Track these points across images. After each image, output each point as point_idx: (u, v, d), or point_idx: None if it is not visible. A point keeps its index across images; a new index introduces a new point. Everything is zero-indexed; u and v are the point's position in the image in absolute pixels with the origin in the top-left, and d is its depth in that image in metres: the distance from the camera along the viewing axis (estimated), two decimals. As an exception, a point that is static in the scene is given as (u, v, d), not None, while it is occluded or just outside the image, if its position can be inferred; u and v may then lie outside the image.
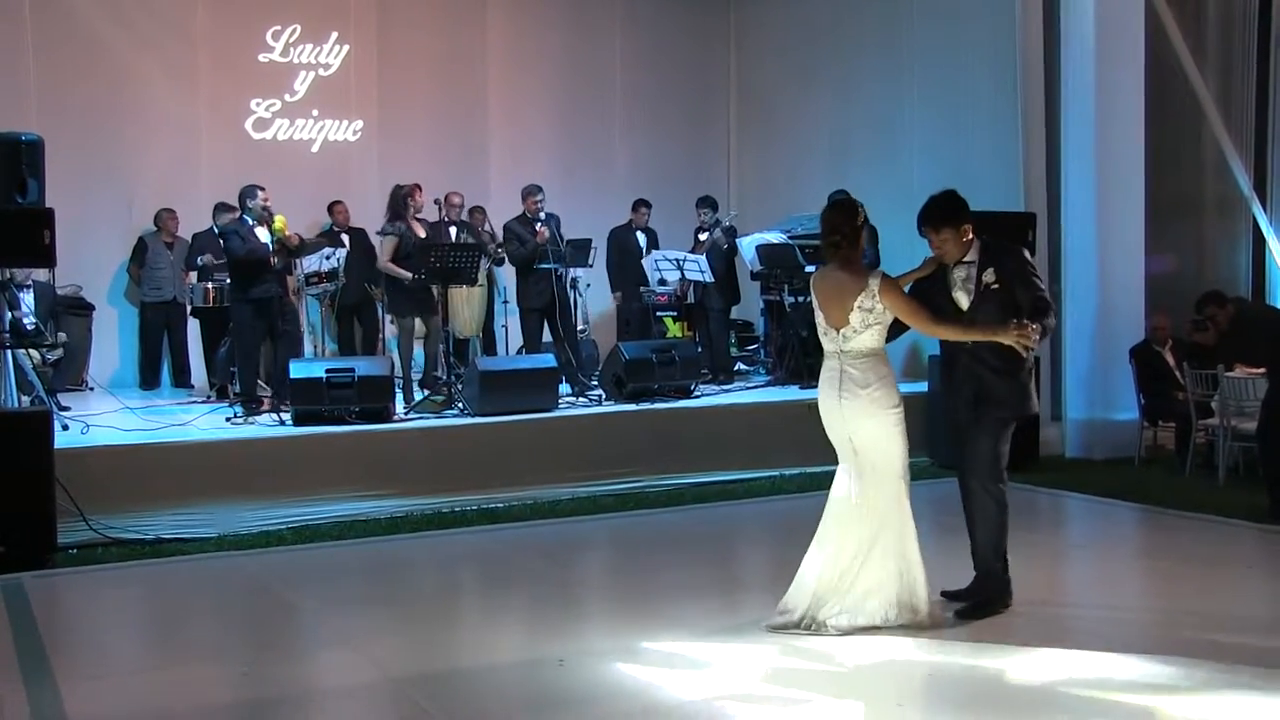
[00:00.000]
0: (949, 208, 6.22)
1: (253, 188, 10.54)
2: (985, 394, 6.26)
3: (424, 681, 5.56)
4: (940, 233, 6.21)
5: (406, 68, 14.50)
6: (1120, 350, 10.94)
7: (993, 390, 6.23)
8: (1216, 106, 12.33)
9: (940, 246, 6.24)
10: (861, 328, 5.93)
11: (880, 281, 5.92)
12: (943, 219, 6.20)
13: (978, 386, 6.28)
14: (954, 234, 6.19)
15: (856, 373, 5.97)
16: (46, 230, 8.13)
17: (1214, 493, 9.46)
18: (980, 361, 6.24)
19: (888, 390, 5.96)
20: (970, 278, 6.21)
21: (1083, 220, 11.25)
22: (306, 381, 9.63)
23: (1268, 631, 6.32)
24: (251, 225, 10.38)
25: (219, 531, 8.48)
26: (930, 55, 12.83)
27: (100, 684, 5.66)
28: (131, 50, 13.21)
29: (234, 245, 10.36)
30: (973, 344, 6.24)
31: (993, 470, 6.25)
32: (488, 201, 13.76)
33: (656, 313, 13.15)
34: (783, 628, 6.04)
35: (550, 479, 9.68)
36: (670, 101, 15.85)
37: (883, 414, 5.95)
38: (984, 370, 6.23)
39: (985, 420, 6.25)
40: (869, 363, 5.97)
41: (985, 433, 6.25)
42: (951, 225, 6.18)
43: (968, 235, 6.22)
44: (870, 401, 5.95)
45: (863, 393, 5.95)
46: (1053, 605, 6.51)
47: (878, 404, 5.95)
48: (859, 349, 5.97)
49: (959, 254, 6.23)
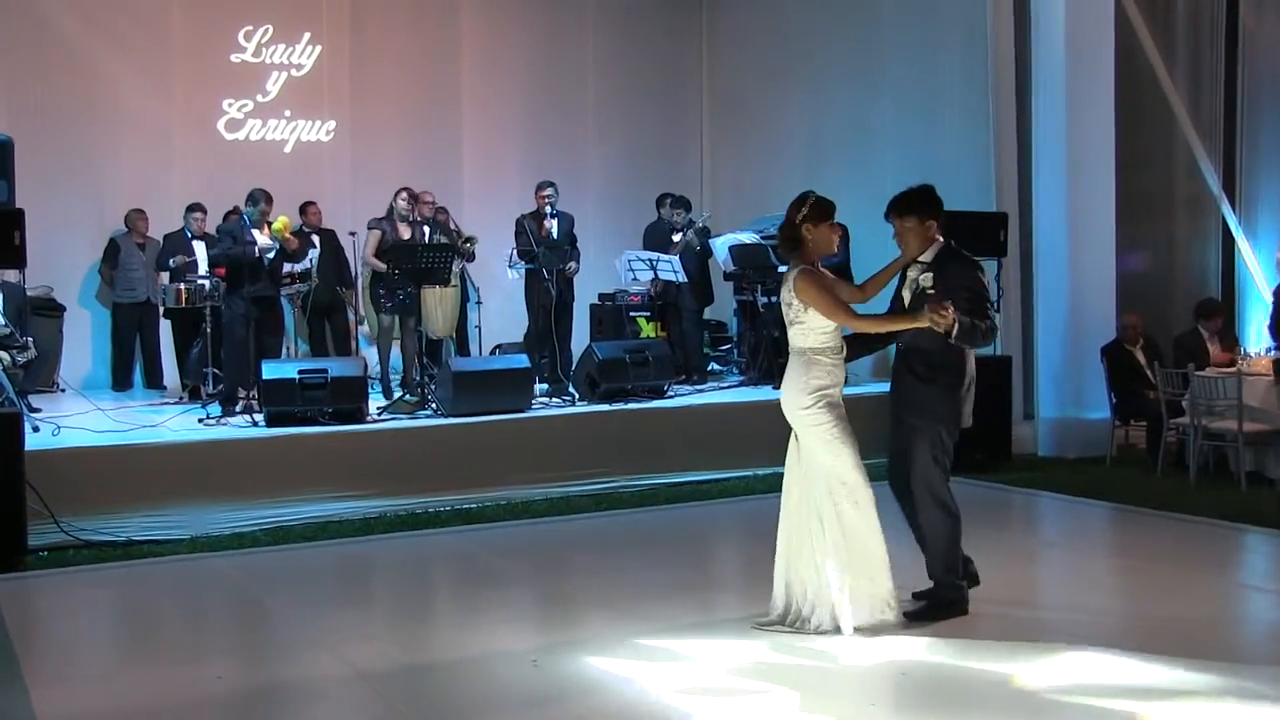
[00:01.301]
0: (916, 198, 6.17)
1: (260, 193, 10.64)
2: (904, 398, 6.21)
3: (398, 681, 5.56)
4: (904, 220, 6.15)
5: (379, 68, 14.47)
6: (1092, 349, 11.00)
7: (911, 395, 6.17)
8: (1186, 106, 12.41)
9: (901, 235, 6.19)
10: (788, 323, 5.96)
11: (796, 275, 5.89)
12: (907, 207, 6.15)
13: (900, 390, 6.25)
14: (917, 225, 6.12)
15: (789, 369, 6.02)
16: (17, 231, 8.07)
17: (1185, 491, 9.52)
18: (908, 367, 6.19)
19: (798, 392, 5.93)
20: (916, 279, 6.14)
21: (1054, 219, 11.31)
22: (279, 382, 9.60)
23: (1237, 629, 6.38)
24: (248, 227, 10.42)
25: (191, 533, 8.44)
26: (902, 55, 12.88)
27: (71, 687, 5.63)
28: (103, 50, 13.14)
29: (223, 246, 10.46)
30: (903, 348, 6.21)
31: (934, 480, 6.12)
32: (460, 201, 13.75)
33: (630, 313, 13.14)
34: (768, 625, 6.07)
35: (524, 479, 9.67)
36: (643, 100, 15.87)
37: (798, 414, 5.95)
38: (909, 375, 6.18)
39: (909, 430, 6.16)
40: (796, 360, 5.98)
41: (915, 445, 6.13)
42: (916, 215, 6.12)
43: (932, 232, 6.15)
44: (788, 399, 5.99)
45: (785, 388, 6.01)
46: (1024, 604, 6.54)
47: (792, 403, 5.97)
48: (794, 345, 6.00)
49: (918, 250, 6.16)
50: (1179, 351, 10.75)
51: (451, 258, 10.97)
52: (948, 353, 6.06)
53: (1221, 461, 10.05)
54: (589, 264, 13.10)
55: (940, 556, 6.19)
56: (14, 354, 10.44)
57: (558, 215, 11.65)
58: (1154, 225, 12.84)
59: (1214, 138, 12.35)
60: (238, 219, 10.75)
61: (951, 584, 6.22)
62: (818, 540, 5.91)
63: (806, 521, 5.95)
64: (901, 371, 6.23)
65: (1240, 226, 12.21)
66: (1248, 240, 12.17)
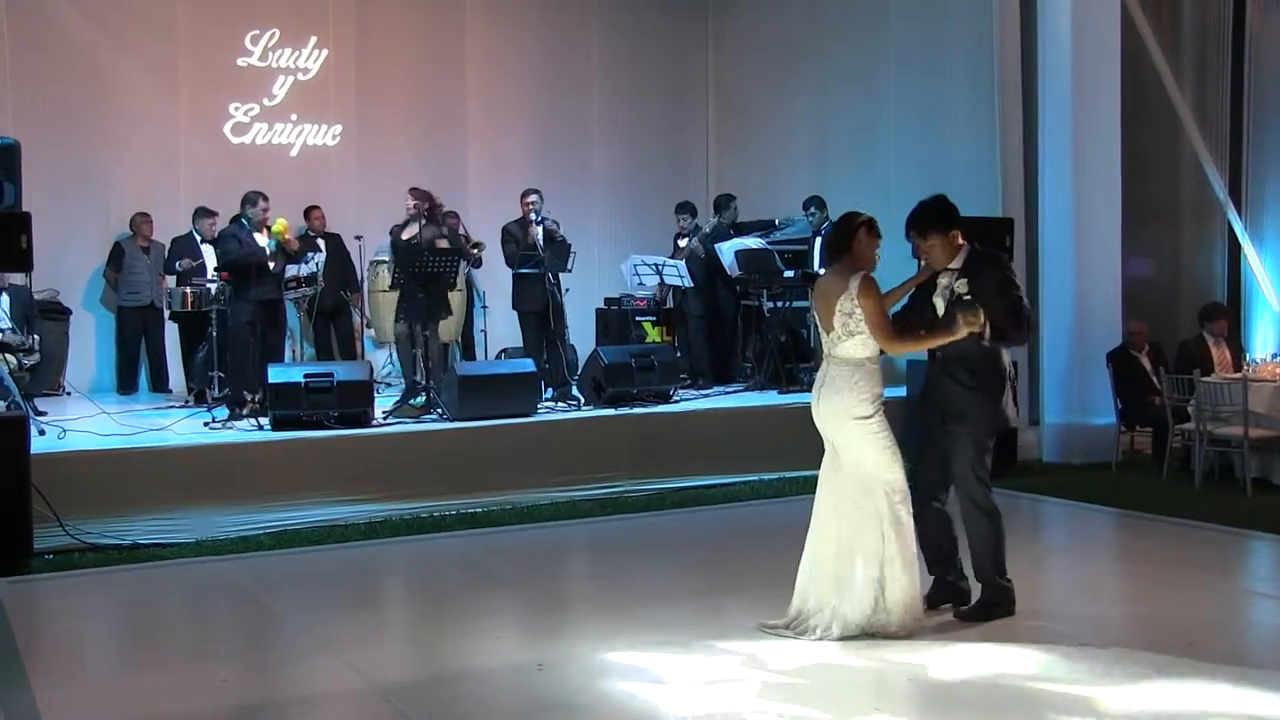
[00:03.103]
0: (936, 213, 6.19)
1: (256, 194, 10.58)
2: (949, 408, 6.24)
3: (403, 686, 5.55)
4: (927, 238, 6.19)
5: (385, 72, 14.48)
6: (1097, 355, 10.98)
7: (955, 404, 6.21)
8: (1192, 112, 12.41)
9: (928, 252, 6.22)
10: (844, 334, 5.95)
11: (859, 282, 5.90)
12: (930, 224, 6.17)
13: (943, 400, 6.27)
14: (941, 239, 6.16)
15: (836, 378, 6.00)
16: (23, 234, 8.07)
17: (1191, 497, 9.51)
18: (949, 375, 6.22)
19: (857, 401, 5.94)
20: (949, 285, 6.18)
21: (1060, 225, 11.31)
22: (285, 386, 9.60)
23: (1243, 635, 6.37)
24: (249, 230, 10.41)
25: (197, 537, 8.43)
26: (908, 59, 12.87)
27: (77, 691, 5.63)
28: (110, 53, 13.15)
29: (230, 248, 10.39)
30: (942, 356, 6.24)
31: (977, 485, 6.21)
32: (466, 205, 13.76)
33: (635, 317, 13.14)
34: (773, 628, 6.08)
35: (529, 484, 9.66)
36: (648, 105, 15.87)
37: (852, 423, 5.96)
38: (951, 384, 6.21)
39: (953, 437, 6.22)
40: (847, 370, 5.98)
41: (958, 451, 6.20)
42: (939, 231, 6.16)
43: (957, 241, 6.18)
44: (841, 408, 5.98)
45: (836, 398, 5.99)
46: (1031, 610, 6.51)
47: (847, 412, 5.96)
48: (843, 356, 5.99)
49: (946, 260, 6.19)
50: (1184, 357, 10.74)
51: (457, 262, 10.97)
52: (987, 357, 6.15)
53: (1227, 467, 10.04)
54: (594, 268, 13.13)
55: (988, 557, 6.28)
56: (20, 357, 10.46)
57: (543, 221, 11.61)
58: (1160, 231, 12.84)
59: (1220, 143, 12.34)
60: (238, 222, 10.74)
61: (999, 584, 6.31)
62: (886, 547, 5.93)
63: (862, 532, 5.94)
64: (941, 378, 6.27)
65: (1246, 232, 12.20)
66: (1254, 246, 12.16)
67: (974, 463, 6.19)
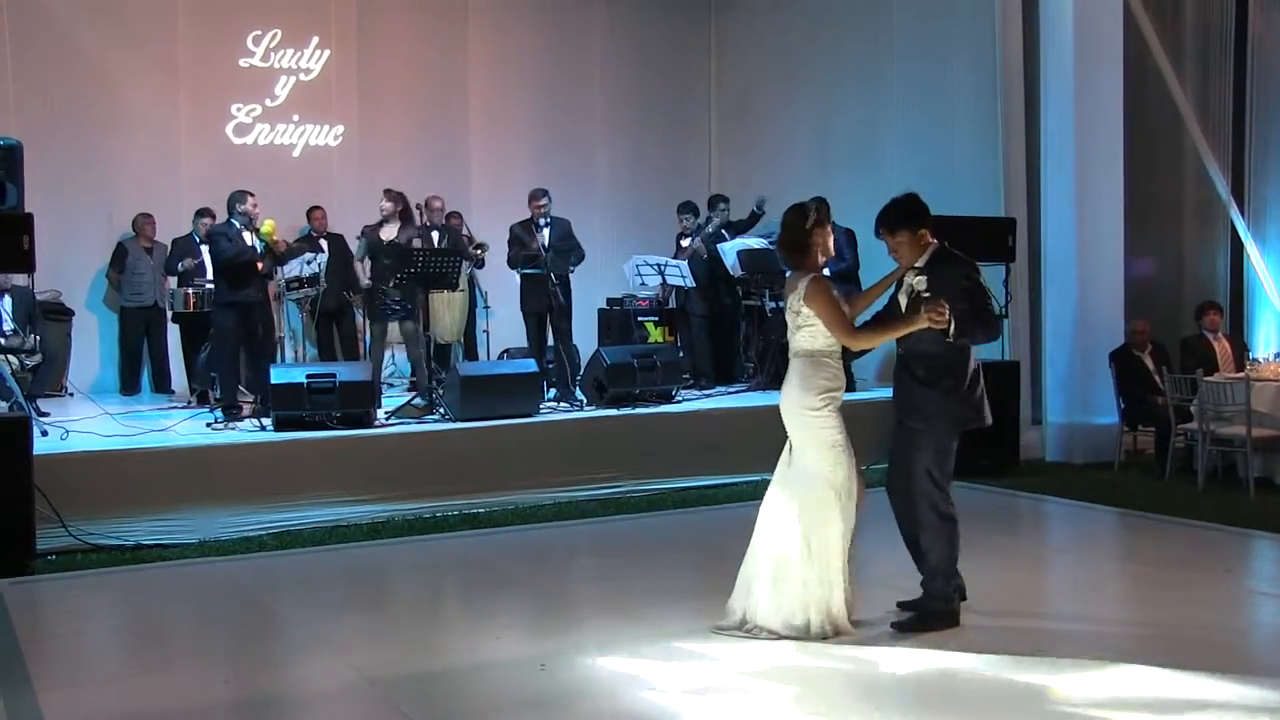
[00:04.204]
0: (904, 210, 6.12)
1: (242, 193, 10.53)
2: (904, 403, 6.17)
3: (405, 686, 5.55)
4: (895, 235, 6.11)
5: (387, 72, 14.49)
6: (1100, 354, 10.98)
7: (910, 399, 6.13)
8: (1194, 111, 12.39)
9: (895, 250, 6.16)
10: (794, 329, 5.97)
11: (807, 284, 5.90)
12: (897, 221, 6.10)
13: (899, 395, 6.21)
14: (910, 237, 6.08)
15: (792, 371, 6.01)
16: (26, 235, 8.07)
17: (1193, 497, 9.50)
18: (906, 370, 6.16)
19: (805, 393, 5.92)
20: (910, 283, 6.12)
21: (1062, 224, 11.30)
22: (287, 387, 9.60)
23: (1245, 635, 6.36)
24: (239, 229, 10.38)
25: (199, 537, 8.45)
26: (911, 59, 12.87)
27: (79, 691, 5.63)
28: (111, 54, 13.17)
29: (222, 247, 10.33)
30: (902, 351, 6.18)
31: (933, 489, 6.06)
32: (469, 205, 13.76)
33: (637, 317, 13.14)
34: (725, 629, 6.07)
35: (531, 484, 9.67)
36: (651, 105, 15.88)
37: (802, 414, 5.94)
38: (908, 379, 6.14)
39: (909, 435, 6.11)
40: (803, 363, 5.97)
41: (914, 451, 6.08)
42: (907, 228, 6.08)
43: (926, 240, 6.10)
44: (791, 400, 5.99)
45: (788, 390, 6.01)
46: (1031, 610, 6.52)
47: (795, 402, 5.96)
48: (797, 348, 6.00)
49: (913, 258, 6.12)
50: (1186, 355, 10.75)
51: (459, 263, 10.97)
52: (948, 355, 6.03)
53: (1230, 467, 10.04)
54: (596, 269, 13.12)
55: (935, 566, 6.11)
56: (22, 358, 10.46)
57: (551, 223, 11.61)
58: (1162, 230, 12.83)
59: (1223, 142, 12.32)
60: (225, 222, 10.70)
61: (943, 595, 6.14)
62: (820, 547, 5.88)
63: (800, 530, 5.90)
64: (902, 375, 6.20)
65: (1249, 232, 12.18)
66: (1256, 245, 12.15)
67: (930, 465, 6.04)
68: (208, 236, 11.02)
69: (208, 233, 11.12)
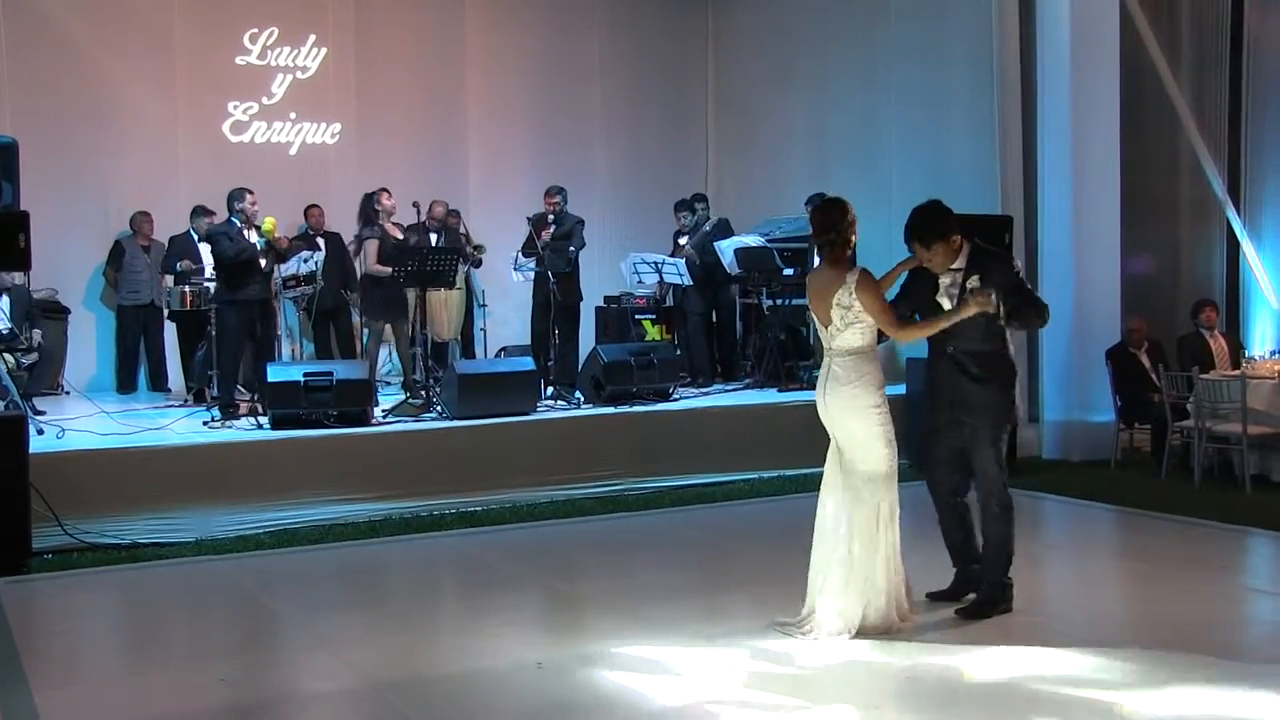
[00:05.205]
0: (936, 221, 6.17)
1: (241, 191, 10.51)
2: (962, 402, 6.26)
3: (402, 685, 5.55)
4: (930, 248, 6.17)
5: (385, 70, 14.47)
6: (1097, 352, 10.99)
7: (966, 397, 6.24)
8: (1190, 110, 12.40)
9: (930, 260, 6.20)
10: (843, 325, 5.96)
11: (857, 278, 5.91)
12: (933, 234, 6.15)
13: (956, 394, 6.29)
14: (943, 246, 6.15)
15: (840, 370, 6.01)
16: (22, 234, 8.07)
17: (1190, 495, 9.51)
18: (960, 368, 6.24)
19: (866, 389, 5.96)
20: (955, 283, 6.18)
21: (1059, 222, 11.30)
22: (284, 385, 9.60)
23: (1242, 632, 6.37)
24: (240, 227, 10.36)
25: (196, 536, 8.44)
26: (908, 57, 12.87)
27: (76, 691, 5.63)
28: (107, 52, 13.15)
29: (224, 246, 10.30)
30: (953, 349, 6.25)
31: (1001, 485, 6.27)
32: (467, 203, 13.76)
33: (635, 315, 13.14)
34: (784, 626, 6.08)
35: (529, 482, 9.67)
36: (649, 103, 15.88)
37: (862, 412, 5.96)
38: (963, 378, 6.24)
39: (971, 434, 6.25)
40: (852, 361, 5.99)
41: (980, 449, 6.23)
42: (941, 239, 6.15)
43: (956, 244, 6.18)
44: (850, 399, 5.98)
45: (843, 390, 5.99)
46: (1029, 607, 6.52)
47: (856, 400, 5.97)
48: (843, 347, 6.00)
49: (948, 263, 6.20)
50: (1183, 353, 10.76)
51: (456, 261, 10.97)
52: (998, 351, 6.22)
53: (1226, 465, 10.04)
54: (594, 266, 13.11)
55: (1002, 557, 6.32)
56: (19, 356, 10.45)
57: (558, 220, 11.61)
58: (1159, 228, 12.82)
59: (1219, 141, 12.33)
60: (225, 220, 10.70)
61: (1004, 582, 6.35)
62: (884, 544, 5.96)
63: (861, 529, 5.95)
64: (953, 373, 6.28)
65: (1245, 230, 12.18)
66: (1252, 243, 12.15)
67: (994, 459, 6.23)
68: (208, 236, 10.99)
69: (208, 232, 11.10)
